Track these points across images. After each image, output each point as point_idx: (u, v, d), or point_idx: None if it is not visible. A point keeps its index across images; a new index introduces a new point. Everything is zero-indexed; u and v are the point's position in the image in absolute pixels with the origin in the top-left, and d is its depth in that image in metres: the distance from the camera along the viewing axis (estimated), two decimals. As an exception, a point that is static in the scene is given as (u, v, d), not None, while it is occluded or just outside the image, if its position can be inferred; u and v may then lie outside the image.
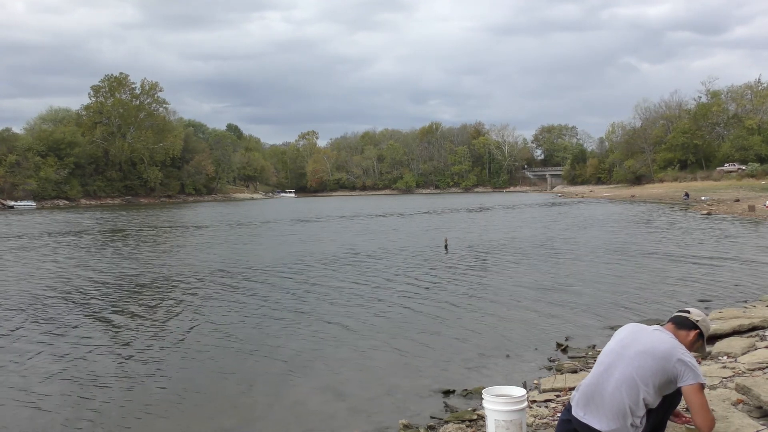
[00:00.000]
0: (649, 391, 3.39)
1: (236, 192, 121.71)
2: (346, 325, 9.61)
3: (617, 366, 3.48)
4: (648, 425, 3.47)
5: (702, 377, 3.39)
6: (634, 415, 3.38)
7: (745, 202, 39.88)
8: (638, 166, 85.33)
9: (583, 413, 3.52)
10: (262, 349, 8.32)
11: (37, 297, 12.64)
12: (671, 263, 15.51)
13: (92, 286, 14.10)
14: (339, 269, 16.02)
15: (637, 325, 3.76)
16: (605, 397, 3.45)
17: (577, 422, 3.55)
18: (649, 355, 3.41)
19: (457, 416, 5.52)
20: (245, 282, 14.21)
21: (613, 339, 3.71)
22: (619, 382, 3.42)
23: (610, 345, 3.66)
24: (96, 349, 8.47)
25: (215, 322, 10.05)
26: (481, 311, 10.37)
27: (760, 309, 9.05)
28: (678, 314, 3.72)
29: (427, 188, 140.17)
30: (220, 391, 6.72)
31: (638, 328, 3.67)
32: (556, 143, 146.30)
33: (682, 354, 3.40)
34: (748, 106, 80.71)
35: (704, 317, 3.73)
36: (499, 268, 15.64)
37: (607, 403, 3.44)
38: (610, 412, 3.41)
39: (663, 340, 3.48)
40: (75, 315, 10.81)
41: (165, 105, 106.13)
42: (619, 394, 3.41)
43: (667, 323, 3.71)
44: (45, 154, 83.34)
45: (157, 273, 16.12)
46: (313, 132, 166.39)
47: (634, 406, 3.38)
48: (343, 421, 5.80)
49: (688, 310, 3.72)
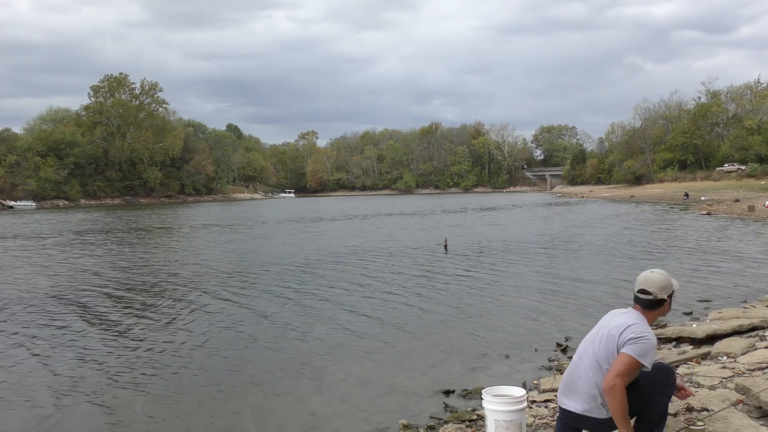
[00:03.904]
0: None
1: (236, 192, 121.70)
2: (346, 325, 9.60)
3: (587, 351, 3.62)
4: (634, 405, 3.49)
5: (643, 359, 3.37)
6: (603, 395, 3.49)
7: (745, 202, 39.87)
8: (638, 167, 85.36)
9: (565, 399, 3.67)
10: (261, 349, 8.32)
11: (38, 297, 12.64)
12: (670, 263, 15.50)
13: (93, 286, 14.10)
14: (338, 269, 16.01)
15: (613, 311, 3.80)
16: (578, 381, 3.59)
17: (561, 410, 3.71)
18: (611, 337, 3.52)
19: (457, 416, 5.52)
20: (244, 282, 14.21)
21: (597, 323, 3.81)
22: (587, 366, 3.56)
23: (589, 333, 3.78)
24: (96, 349, 8.47)
25: (214, 322, 10.04)
26: (480, 311, 10.37)
27: (760, 309, 9.04)
28: (640, 296, 3.63)
29: (427, 188, 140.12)
30: (220, 391, 6.71)
31: (611, 314, 3.76)
32: (555, 143, 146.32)
33: (632, 332, 3.44)
34: (747, 106, 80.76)
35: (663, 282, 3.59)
36: (499, 267, 15.63)
37: (580, 386, 3.58)
38: (582, 395, 3.56)
39: (623, 322, 3.53)
40: (75, 315, 10.80)
41: (165, 105, 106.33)
42: (588, 378, 3.54)
43: (636, 304, 3.67)
44: (45, 154, 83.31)
45: (158, 273, 16.11)
46: (313, 132, 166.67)
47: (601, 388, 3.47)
48: (343, 421, 5.80)
49: (646, 290, 3.59)
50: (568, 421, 3.66)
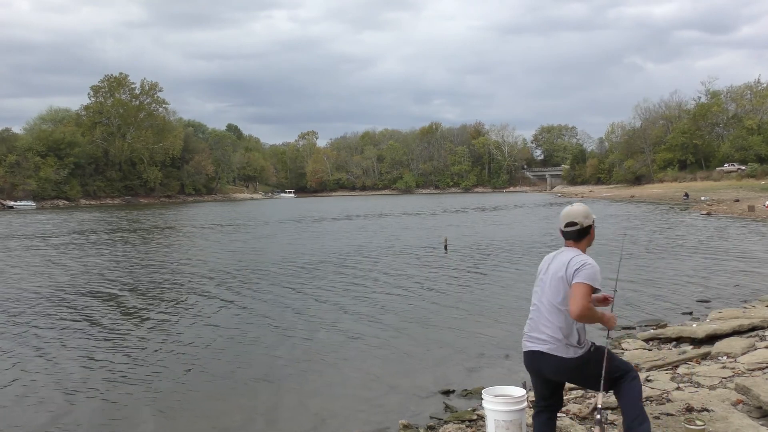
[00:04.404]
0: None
1: (236, 192, 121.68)
2: (346, 325, 9.61)
3: (542, 301, 3.67)
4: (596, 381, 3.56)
5: (594, 282, 3.49)
6: (569, 336, 3.54)
7: (745, 202, 39.88)
8: (638, 167, 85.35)
9: (530, 343, 3.70)
10: (261, 350, 8.33)
11: (45, 296, 12.66)
12: (671, 263, 15.52)
13: (99, 285, 14.11)
14: (338, 269, 16.02)
15: (546, 257, 3.87)
16: (542, 329, 3.63)
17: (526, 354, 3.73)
18: (559, 279, 3.59)
19: (457, 416, 5.52)
20: (244, 283, 14.21)
21: (537, 275, 3.86)
22: (547, 312, 3.62)
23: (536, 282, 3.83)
24: (104, 348, 8.49)
25: (215, 322, 10.05)
26: (480, 311, 10.37)
27: (760, 309, 9.05)
28: (568, 229, 3.74)
29: (427, 188, 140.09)
30: (220, 391, 6.72)
31: (546, 260, 3.82)
32: (555, 143, 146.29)
33: (575, 264, 3.55)
34: (747, 106, 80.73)
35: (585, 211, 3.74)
36: (499, 267, 15.64)
37: (544, 332, 3.61)
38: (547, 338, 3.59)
39: (563, 261, 3.63)
40: (82, 314, 10.83)
41: (165, 105, 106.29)
42: (551, 323, 3.58)
43: (567, 241, 3.77)
44: (45, 154, 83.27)
45: (163, 273, 16.12)
46: (313, 132, 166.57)
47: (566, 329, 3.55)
48: (343, 421, 5.80)
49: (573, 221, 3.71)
50: (533, 364, 3.69)
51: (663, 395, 5.09)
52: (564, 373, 3.60)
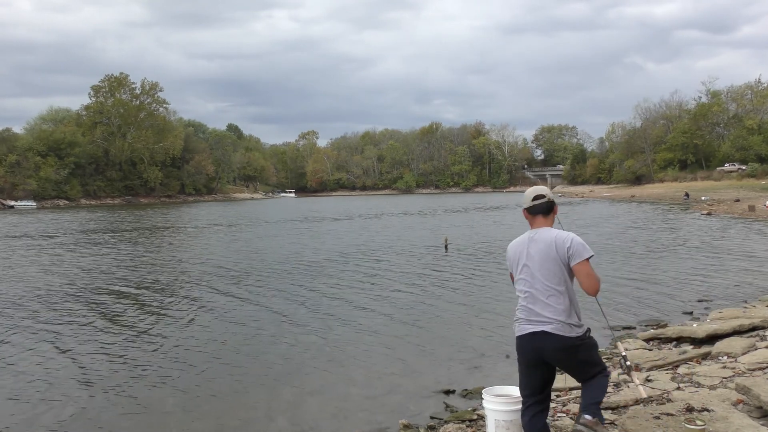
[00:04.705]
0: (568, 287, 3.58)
1: (236, 192, 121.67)
2: (346, 325, 9.62)
3: (537, 287, 3.61)
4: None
5: (588, 252, 3.54)
6: (570, 316, 3.56)
7: (745, 202, 39.86)
8: (638, 166, 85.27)
9: (529, 326, 3.62)
10: (261, 349, 8.34)
11: (56, 294, 12.71)
12: (671, 263, 15.52)
13: (108, 284, 14.14)
14: (339, 270, 16.02)
15: (516, 242, 3.82)
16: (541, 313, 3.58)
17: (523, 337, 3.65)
18: (552, 261, 3.57)
19: (457, 416, 5.52)
20: (244, 283, 14.22)
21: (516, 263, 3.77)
22: (546, 297, 3.58)
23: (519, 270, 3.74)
24: (121, 346, 8.55)
25: (215, 322, 10.07)
26: (481, 311, 10.37)
27: (760, 309, 9.05)
28: (537, 203, 3.73)
29: (427, 188, 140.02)
30: (220, 391, 6.72)
31: (522, 243, 3.75)
32: (556, 143, 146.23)
33: (562, 242, 3.56)
34: (748, 106, 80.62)
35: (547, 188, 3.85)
36: (499, 267, 15.61)
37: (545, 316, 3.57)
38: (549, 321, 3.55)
39: (549, 241, 3.60)
40: (95, 312, 10.88)
41: (165, 105, 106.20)
42: (553, 307, 3.56)
43: (536, 218, 3.73)
44: (45, 154, 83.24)
45: (170, 272, 16.13)
46: (313, 132, 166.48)
47: (568, 310, 3.55)
48: (343, 421, 5.81)
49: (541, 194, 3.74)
50: (534, 344, 3.60)
51: (663, 395, 5.09)
52: (564, 351, 3.55)
